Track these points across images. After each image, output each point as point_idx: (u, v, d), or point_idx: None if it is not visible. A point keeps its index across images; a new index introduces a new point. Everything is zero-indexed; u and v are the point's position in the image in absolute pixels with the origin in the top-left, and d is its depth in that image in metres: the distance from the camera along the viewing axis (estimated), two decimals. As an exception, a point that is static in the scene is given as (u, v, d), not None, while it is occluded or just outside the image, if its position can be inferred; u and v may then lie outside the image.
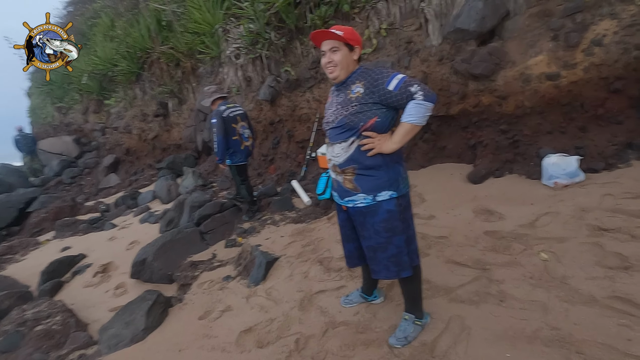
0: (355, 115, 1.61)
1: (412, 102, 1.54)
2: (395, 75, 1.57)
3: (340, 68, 1.66)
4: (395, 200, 1.67)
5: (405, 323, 1.92)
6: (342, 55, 1.65)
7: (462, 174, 3.91)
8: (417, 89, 1.53)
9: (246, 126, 4.21)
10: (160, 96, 7.80)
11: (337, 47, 1.65)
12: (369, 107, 1.60)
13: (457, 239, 2.73)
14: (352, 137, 1.64)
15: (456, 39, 3.85)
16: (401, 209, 1.70)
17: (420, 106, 1.54)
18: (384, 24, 4.35)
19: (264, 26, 5.18)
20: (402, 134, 1.60)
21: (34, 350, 2.55)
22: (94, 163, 10.06)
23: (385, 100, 1.58)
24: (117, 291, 3.51)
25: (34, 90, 14.00)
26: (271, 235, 3.68)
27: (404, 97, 1.55)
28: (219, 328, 2.42)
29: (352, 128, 1.63)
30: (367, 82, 1.60)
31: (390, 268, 1.75)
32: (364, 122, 1.60)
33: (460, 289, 2.16)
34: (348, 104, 1.64)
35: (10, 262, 4.99)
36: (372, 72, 1.62)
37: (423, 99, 1.53)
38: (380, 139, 1.62)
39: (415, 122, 1.57)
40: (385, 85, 1.56)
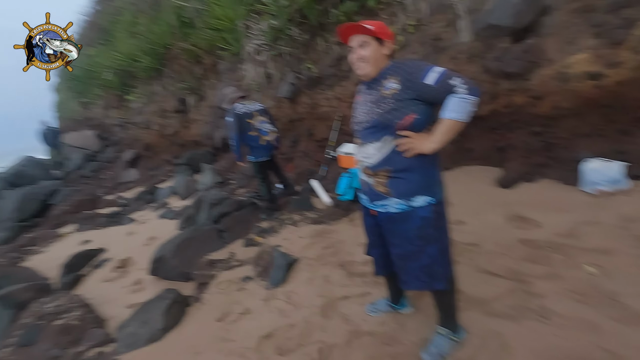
0: (390, 113, 1.48)
1: (454, 96, 1.40)
2: (432, 68, 1.44)
3: (370, 64, 1.54)
4: (432, 207, 1.55)
5: (439, 338, 1.79)
6: (372, 50, 1.53)
7: (490, 177, 3.73)
8: (458, 81, 1.40)
9: (266, 121, 4.07)
10: (180, 92, 7.83)
11: (366, 42, 1.54)
12: (406, 104, 1.47)
13: (489, 246, 2.58)
14: (386, 137, 1.52)
15: (488, 35, 3.67)
16: (437, 216, 1.57)
17: (464, 101, 1.40)
18: (411, 20, 4.19)
19: (286, 22, 5.09)
20: (444, 131, 1.46)
21: (52, 346, 2.53)
22: (114, 157, 10.23)
23: (423, 95, 1.45)
24: (134, 287, 3.48)
25: (61, 85, 14.37)
26: (290, 236, 3.59)
27: (444, 92, 1.42)
28: (237, 331, 2.34)
29: (387, 127, 1.50)
30: (402, 77, 1.48)
31: (421, 278, 1.62)
32: (399, 119, 1.48)
33: (495, 302, 2.01)
34: (382, 101, 1.51)
35: (32, 253, 5.07)
36: (406, 66, 1.50)
37: (467, 93, 1.39)
38: (419, 139, 1.48)
39: (459, 119, 1.42)
40: (422, 79, 1.43)
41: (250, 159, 4.07)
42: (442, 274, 1.62)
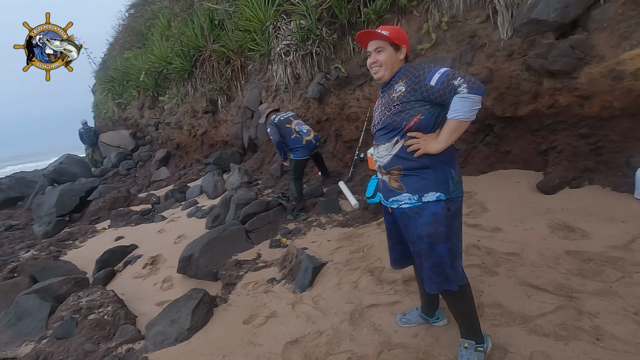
0: (397, 115, 1.55)
1: (457, 96, 1.41)
2: (438, 69, 1.47)
3: (384, 68, 1.62)
4: (443, 203, 1.53)
5: (466, 352, 1.67)
6: (387, 55, 1.61)
7: (530, 182, 3.51)
8: (461, 81, 1.40)
9: (302, 123, 4.38)
10: (210, 93, 7.98)
11: (382, 47, 1.61)
12: (412, 105, 1.52)
13: (531, 257, 2.40)
14: (396, 137, 1.58)
15: (530, 31, 3.45)
16: (449, 213, 1.54)
17: (466, 100, 1.40)
18: (446, 17, 4.02)
19: (316, 22, 5.05)
20: (448, 132, 1.47)
21: (86, 340, 2.60)
22: (147, 156, 10.59)
23: (428, 97, 1.49)
24: (164, 285, 3.54)
25: (98, 87, 15.08)
26: (317, 239, 3.53)
27: (447, 92, 1.44)
28: (264, 336, 2.30)
29: (396, 128, 1.56)
30: (408, 80, 1.54)
31: (432, 279, 1.60)
32: (406, 121, 1.53)
33: (541, 319, 1.85)
34: (391, 104, 1.58)
35: (70, 247, 5.31)
36: (413, 69, 1.55)
37: (468, 92, 1.39)
38: (426, 139, 1.52)
39: (462, 118, 1.43)
40: (426, 80, 1.48)
41: (292, 156, 4.26)
42: (452, 276, 1.58)
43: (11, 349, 2.87)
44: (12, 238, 6.29)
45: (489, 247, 2.63)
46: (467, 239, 2.80)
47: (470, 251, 2.64)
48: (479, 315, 1.97)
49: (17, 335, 2.98)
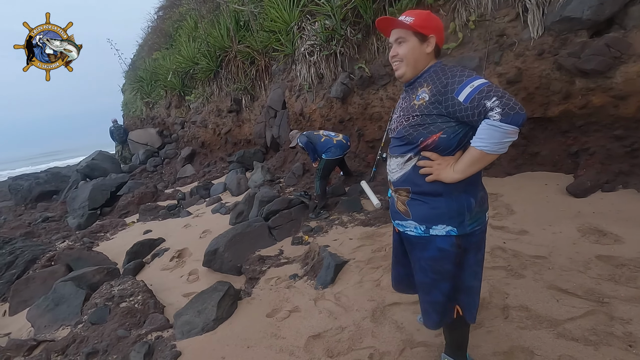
0: (414, 128, 1.29)
1: (486, 121, 1.14)
2: (470, 81, 1.17)
3: (405, 64, 1.33)
4: (453, 239, 1.31)
5: None
6: (408, 47, 1.31)
7: (559, 184, 3.42)
8: (495, 103, 1.11)
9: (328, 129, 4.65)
10: (235, 93, 8.16)
11: (403, 38, 1.32)
12: (433, 120, 1.25)
13: (560, 261, 2.34)
14: (409, 153, 1.34)
15: (562, 29, 3.36)
16: (459, 251, 1.33)
17: (495, 129, 1.12)
18: (473, 16, 3.96)
19: (340, 22, 5.08)
20: (468, 162, 1.22)
21: (119, 326, 2.74)
22: (173, 154, 10.92)
23: (453, 114, 1.21)
24: (190, 277, 3.67)
25: (127, 86, 15.68)
26: (339, 237, 3.56)
27: (475, 114, 1.16)
28: (287, 329, 2.36)
29: (411, 142, 1.32)
30: (434, 87, 1.25)
31: (430, 315, 1.46)
32: (424, 137, 1.27)
33: (569, 323, 1.81)
34: (410, 112, 1.31)
35: (102, 239, 5.56)
36: (443, 75, 1.26)
37: (499, 119, 1.11)
38: (441, 163, 1.27)
39: (486, 150, 1.16)
40: (454, 94, 1.19)
41: (324, 156, 4.35)
42: (450, 309, 1.45)
43: (50, 332, 3.06)
44: (49, 229, 6.65)
45: (515, 250, 2.58)
46: (492, 241, 2.76)
47: (495, 253, 2.60)
48: (504, 317, 1.96)
49: (55, 320, 3.17)
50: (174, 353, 2.33)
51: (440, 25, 1.36)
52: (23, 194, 9.55)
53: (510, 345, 1.77)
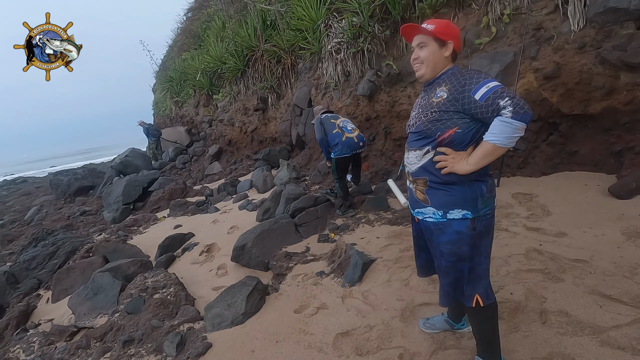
0: (432, 123, 1.44)
1: (498, 118, 1.29)
2: (486, 83, 1.32)
3: (426, 66, 1.50)
4: (469, 221, 1.45)
5: None
6: (429, 51, 1.49)
7: (600, 185, 3.24)
8: (507, 102, 1.26)
9: (349, 121, 4.29)
10: (261, 91, 8.27)
11: (424, 43, 1.49)
12: (450, 116, 1.40)
13: (603, 265, 2.22)
14: (427, 147, 1.48)
15: (606, 21, 3.18)
16: (474, 233, 1.45)
17: (506, 125, 1.27)
18: (508, 9, 3.82)
19: (368, 19, 5.03)
20: (481, 155, 1.36)
21: (153, 317, 2.84)
22: (201, 151, 11.22)
23: (469, 111, 1.36)
24: (219, 271, 3.76)
25: (158, 86, 16.25)
26: (366, 235, 3.54)
27: (489, 111, 1.31)
28: (315, 326, 2.37)
29: (428, 137, 1.47)
30: (452, 87, 1.40)
31: (449, 294, 1.58)
32: (441, 131, 1.42)
33: (615, 331, 1.71)
34: (428, 109, 1.47)
35: (135, 233, 5.80)
36: (460, 76, 1.40)
37: (511, 117, 1.26)
38: (455, 157, 1.41)
39: (499, 143, 1.30)
40: (471, 93, 1.34)
41: (332, 154, 4.17)
42: (468, 292, 1.53)
43: (89, 319, 3.22)
44: (86, 222, 7.01)
45: (552, 253, 2.47)
46: (527, 243, 2.67)
47: (531, 255, 2.50)
48: (542, 322, 1.89)
49: (94, 308, 3.33)
50: (205, 344, 2.40)
51: (458, 33, 1.53)
52: (63, 188, 10.11)
53: (550, 351, 1.69)
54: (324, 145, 4.26)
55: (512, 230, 2.93)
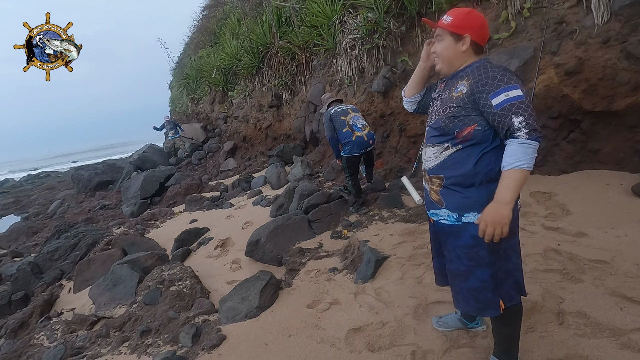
0: (450, 120, 1.38)
1: (516, 141, 1.25)
2: (506, 90, 1.26)
3: (441, 60, 1.46)
4: None
5: None
6: (443, 46, 1.43)
7: (623, 184, 3.14)
8: (522, 124, 1.23)
9: (359, 117, 4.19)
10: (276, 88, 8.30)
11: (441, 36, 1.44)
12: (468, 112, 1.35)
13: (625, 266, 2.16)
14: (446, 143, 1.43)
15: (633, 14, 3.06)
16: None
17: (527, 146, 1.24)
18: (528, 3, 3.72)
19: (383, 14, 4.98)
20: (513, 186, 1.26)
21: (169, 308, 2.92)
22: (216, 148, 11.37)
23: (483, 112, 1.32)
24: (233, 266, 3.82)
25: (175, 83, 16.52)
26: (379, 232, 3.53)
27: (502, 122, 1.27)
28: (328, 321, 2.38)
29: (447, 133, 1.41)
30: (473, 82, 1.33)
31: (470, 302, 1.49)
32: (459, 128, 1.37)
33: (636, 334, 1.67)
34: (448, 103, 1.41)
35: (152, 227, 5.94)
36: (485, 72, 1.32)
37: (527, 138, 1.23)
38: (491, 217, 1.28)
39: (526, 167, 1.25)
40: (490, 95, 1.28)
41: (342, 153, 4.15)
42: (493, 302, 1.44)
43: (108, 309, 3.33)
44: (106, 216, 7.23)
45: (571, 253, 2.41)
46: (545, 242, 2.61)
47: (549, 255, 2.45)
48: (559, 322, 1.85)
49: (113, 299, 3.44)
50: (220, 336, 2.45)
51: (479, 24, 1.41)
52: (84, 183, 10.44)
53: (567, 352, 1.66)
54: (333, 144, 4.26)
55: (529, 230, 2.87)
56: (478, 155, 1.37)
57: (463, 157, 1.40)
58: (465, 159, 1.39)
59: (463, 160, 1.39)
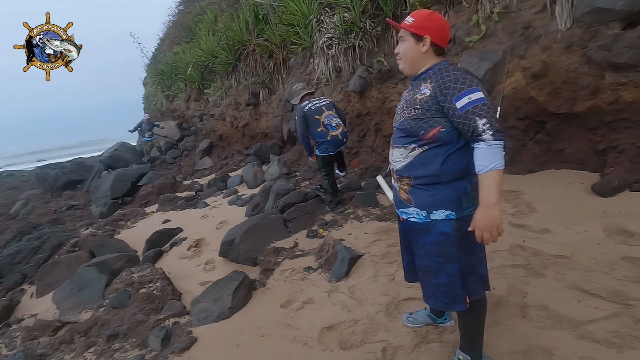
0: (415, 121, 1.40)
1: (484, 144, 1.28)
2: (469, 92, 1.29)
3: (403, 61, 1.48)
4: (453, 222, 1.42)
5: None
6: (405, 46, 1.45)
7: (584, 183, 3.30)
8: (486, 126, 1.27)
9: (334, 115, 4.10)
10: (253, 86, 8.21)
11: (403, 37, 1.46)
12: (432, 115, 1.37)
13: (584, 261, 2.26)
14: (412, 144, 1.45)
15: (593, 21, 3.22)
16: (460, 233, 1.42)
17: (495, 147, 1.28)
18: (497, 8, 3.84)
19: (360, 15, 5.02)
20: (494, 186, 1.28)
21: (138, 311, 2.83)
22: (192, 146, 11.12)
23: (448, 114, 1.35)
24: (206, 266, 3.74)
25: (149, 80, 16.03)
26: (354, 231, 3.55)
27: (466, 125, 1.30)
28: (301, 320, 2.38)
29: (413, 135, 1.43)
30: (436, 85, 1.36)
31: (439, 297, 1.52)
32: (425, 130, 1.39)
33: (592, 325, 1.75)
34: (412, 105, 1.43)
35: (123, 227, 5.74)
36: (447, 75, 1.35)
37: (494, 139, 1.28)
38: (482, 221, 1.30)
39: (501, 166, 1.29)
40: (453, 98, 1.31)
41: (317, 152, 4.13)
42: (462, 296, 1.48)
43: (73, 314, 3.18)
44: (74, 216, 6.91)
45: (535, 249, 2.51)
46: (512, 239, 2.70)
47: (514, 251, 2.54)
48: (522, 316, 1.92)
49: (79, 303, 3.29)
50: (190, 339, 2.39)
51: (439, 26, 1.43)
52: (50, 182, 9.94)
53: (529, 344, 1.73)
54: (305, 141, 4.21)
55: (497, 227, 2.96)
56: (444, 156, 1.40)
57: (430, 158, 1.42)
58: (432, 159, 1.42)
59: (430, 160, 1.42)
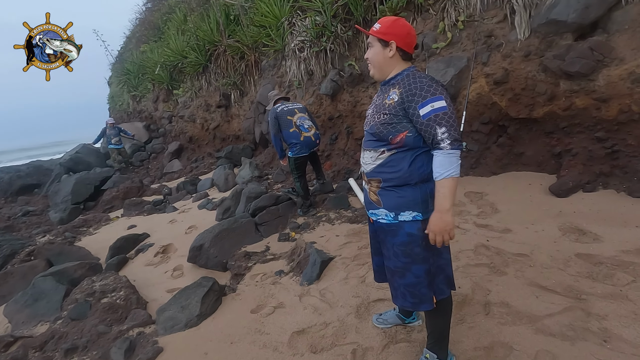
0: (384, 126, 1.45)
1: (442, 153, 1.36)
2: (432, 101, 1.35)
3: (372, 66, 1.53)
4: (420, 223, 1.47)
5: None
6: (373, 52, 1.51)
7: (542, 184, 3.48)
8: (445, 135, 1.34)
9: (306, 117, 4.12)
10: (224, 88, 8.07)
11: (371, 43, 1.51)
12: (399, 120, 1.42)
13: (541, 258, 2.39)
14: (382, 148, 1.49)
15: (548, 32, 3.42)
16: (425, 234, 1.46)
17: (451, 156, 1.36)
18: (462, 16, 4.00)
19: (331, 19, 5.06)
20: (448, 193, 1.36)
21: (99, 322, 2.68)
22: (160, 148, 10.76)
23: (412, 121, 1.40)
24: (174, 273, 3.62)
25: (114, 79, 15.37)
26: (326, 234, 3.56)
27: (427, 132, 1.37)
28: (271, 325, 2.35)
29: (382, 139, 1.48)
30: (404, 91, 1.40)
31: (406, 297, 1.56)
32: (393, 135, 1.44)
33: (548, 319, 1.85)
34: (381, 110, 1.47)
35: (85, 234, 5.44)
36: (414, 82, 1.40)
37: (451, 148, 1.35)
38: (435, 226, 1.38)
39: (456, 174, 1.36)
40: (418, 106, 1.37)
41: (289, 154, 4.11)
42: (428, 296, 1.52)
43: (27, 328, 2.97)
44: (29, 223, 6.48)
45: (498, 248, 2.62)
46: (476, 239, 2.80)
47: (479, 251, 2.64)
48: (485, 313, 1.99)
49: (34, 315, 3.08)
50: (156, 349, 2.30)
51: (405, 32, 1.47)
52: (3, 187, 9.27)
53: (491, 340, 1.80)
54: (276, 142, 4.15)
55: (463, 227, 3.07)
56: (411, 159, 1.46)
57: (398, 160, 1.47)
58: (399, 161, 1.47)
59: (398, 163, 1.47)
